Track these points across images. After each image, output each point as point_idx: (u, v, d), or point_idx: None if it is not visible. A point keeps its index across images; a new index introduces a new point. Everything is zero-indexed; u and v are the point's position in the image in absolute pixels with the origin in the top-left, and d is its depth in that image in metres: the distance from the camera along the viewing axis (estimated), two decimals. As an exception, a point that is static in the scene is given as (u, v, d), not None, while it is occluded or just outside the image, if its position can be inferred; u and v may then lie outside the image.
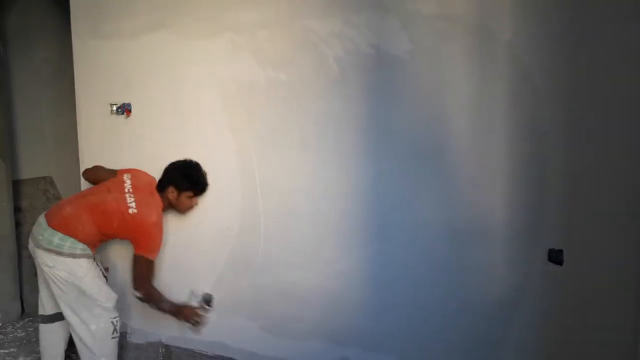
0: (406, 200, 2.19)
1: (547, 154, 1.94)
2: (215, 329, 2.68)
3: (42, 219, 2.51)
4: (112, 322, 2.51)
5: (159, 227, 2.50)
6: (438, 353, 2.20)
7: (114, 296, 2.56)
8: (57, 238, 2.41)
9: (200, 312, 2.55)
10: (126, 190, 2.50)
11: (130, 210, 2.44)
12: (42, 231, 2.44)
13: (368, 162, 2.25)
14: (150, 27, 2.71)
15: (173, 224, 2.73)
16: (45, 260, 2.42)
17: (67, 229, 2.42)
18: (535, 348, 2.02)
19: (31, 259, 3.89)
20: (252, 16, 2.44)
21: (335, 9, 2.25)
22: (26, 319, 3.75)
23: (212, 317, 2.64)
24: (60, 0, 3.33)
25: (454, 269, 2.13)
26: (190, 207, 2.61)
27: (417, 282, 2.21)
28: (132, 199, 2.47)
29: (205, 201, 2.65)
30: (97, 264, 2.57)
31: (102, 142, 2.92)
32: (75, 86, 3.00)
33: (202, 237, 2.68)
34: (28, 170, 4.11)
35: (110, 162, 2.86)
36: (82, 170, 2.94)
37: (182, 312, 2.55)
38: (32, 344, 3.34)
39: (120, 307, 2.67)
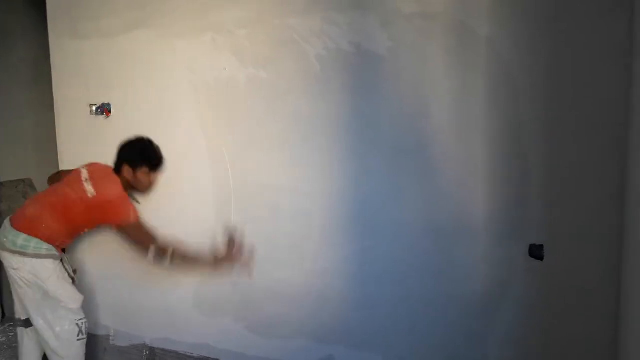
0: (390, 197, 2.20)
1: (528, 150, 1.96)
2: (200, 330, 2.66)
3: (7, 222, 2.48)
4: (77, 324, 2.47)
5: (123, 198, 2.45)
6: (424, 349, 2.21)
7: (79, 297, 2.51)
8: (21, 239, 2.37)
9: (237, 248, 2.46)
10: (83, 179, 2.46)
11: (89, 195, 2.40)
12: (6, 233, 2.41)
13: (351, 159, 2.25)
14: (130, 26, 2.68)
15: (153, 222, 2.70)
16: (11, 263, 2.38)
17: (30, 230, 2.39)
18: (520, 342, 2.04)
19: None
20: (232, 15, 2.42)
21: (316, 7, 2.24)
22: (6, 324, 3.70)
23: (197, 317, 2.63)
24: (38, 1, 3.28)
25: (438, 265, 2.14)
26: (149, 185, 2.54)
27: (402, 278, 2.22)
28: (90, 185, 2.43)
29: (186, 199, 2.64)
30: (64, 265, 2.53)
31: (82, 143, 2.88)
32: (53, 87, 2.97)
33: (184, 236, 2.65)
34: (7, 173, 4.04)
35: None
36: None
37: (224, 258, 2.44)
38: (12, 349, 3.29)
39: (89, 309, 2.67)
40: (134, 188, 2.53)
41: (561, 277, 1.95)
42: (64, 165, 2.93)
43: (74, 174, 2.53)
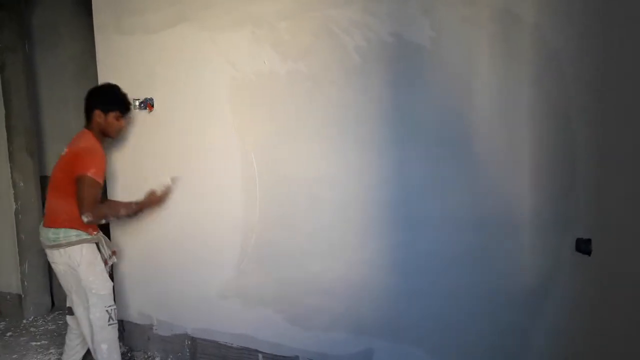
0: (431, 190, 2.17)
1: (575, 141, 1.89)
2: (240, 321, 2.69)
3: (41, 223, 2.63)
4: (107, 311, 2.54)
5: (90, 150, 2.51)
6: (466, 342, 2.18)
7: (109, 284, 2.58)
8: (51, 233, 2.49)
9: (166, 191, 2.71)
10: (64, 153, 2.58)
11: (62, 154, 2.55)
12: (41, 232, 2.57)
13: (391, 151, 2.23)
14: (172, 20, 2.72)
15: (190, 216, 2.75)
16: (52, 257, 2.54)
17: (54, 222, 2.50)
18: (565, 337, 1.99)
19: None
20: (272, 7, 2.43)
21: (355, -3, 2.22)
22: (56, 312, 3.83)
23: (237, 308, 2.67)
24: (84, -2, 3.37)
25: (481, 258, 2.10)
26: (120, 129, 2.68)
27: (444, 271, 2.18)
28: (65, 150, 2.57)
29: (224, 191, 2.67)
30: (100, 248, 2.59)
31: (125, 138, 2.95)
32: (99, 82, 3.03)
33: (224, 229, 2.69)
34: (52, 168, 4.17)
35: (132, 156, 2.92)
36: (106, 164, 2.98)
37: (149, 204, 2.68)
38: (62, 337, 3.40)
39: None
40: (105, 134, 2.64)
41: (609, 272, 1.88)
42: (108, 159, 3.00)
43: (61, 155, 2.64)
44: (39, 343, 3.35)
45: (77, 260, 2.48)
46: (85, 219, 2.43)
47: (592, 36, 1.82)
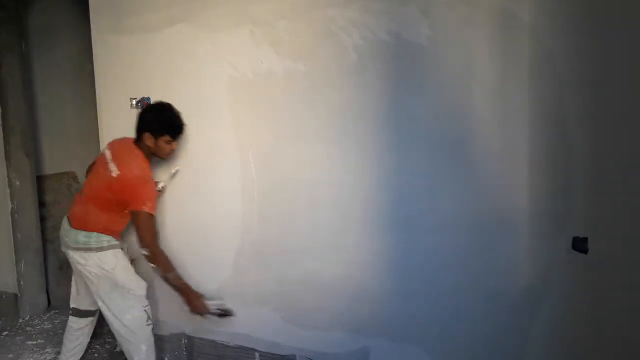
0: (429, 190, 2.18)
1: (571, 140, 1.91)
2: (237, 320, 2.69)
3: (65, 221, 2.60)
4: (145, 310, 2.55)
5: (143, 179, 2.47)
6: (463, 341, 2.19)
7: (144, 284, 2.59)
8: (82, 236, 2.47)
9: (210, 311, 2.56)
10: (108, 160, 2.50)
11: (113, 175, 2.45)
12: (67, 233, 2.53)
13: (389, 151, 2.24)
14: (170, 20, 2.71)
15: (188, 215, 2.75)
16: (77, 259, 2.49)
17: (86, 226, 2.48)
18: (561, 336, 2.00)
19: (56, 252, 3.99)
20: (271, 7, 2.43)
21: (353, -3, 2.23)
22: (52, 311, 3.82)
23: (235, 307, 2.67)
24: (81, -3, 3.37)
25: (478, 257, 2.11)
26: (170, 152, 2.59)
27: (441, 271, 2.19)
28: (114, 165, 2.47)
29: (222, 190, 2.67)
30: (125, 254, 2.61)
31: (123, 136, 2.94)
32: (96, 81, 3.03)
33: (222, 228, 2.69)
34: (51, 166, 4.18)
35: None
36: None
37: (192, 297, 2.53)
38: (58, 336, 3.40)
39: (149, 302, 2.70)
40: (154, 154, 2.57)
41: (606, 271, 1.89)
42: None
43: (101, 157, 2.59)
44: (35, 342, 3.34)
45: (112, 264, 2.48)
46: (144, 253, 2.44)
47: (587, 36, 1.84)
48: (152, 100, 2.83)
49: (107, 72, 2.97)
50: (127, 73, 2.89)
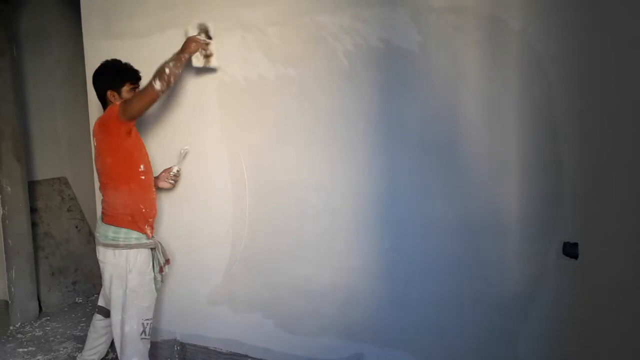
0: (419, 195, 2.18)
1: (561, 146, 1.91)
2: (229, 327, 2.69)
3: (98, 218, 2.56)
4: (143, 324, 2.46)
5: (104, 114, 2.42)
6: (454, 347, 2.19)
7: (153, 296, 2.50)
8: (111, 231, 2.42)
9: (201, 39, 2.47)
10: (96, 142, 2.49)
11: (95, 143, 2.47)
12: (98, 228, 2.49)
13: (379, 156, 2.24)
14: (162, 25, 2.71)
15: (180, 221, 2.74)
16: (104, 256, 2.44)
17: (114, 220, 2.42)
18: (551, 341, 2.00)
19: (48, 259, 3.98)
20: (262, 13, 2.43)
21: (344, 3, 2.23)
22: (43, 318, 3.80)
23: (227, 314, 2.66)
24: (73, 1, 3.36)
25: (468, 262, 2.11)
26: None
27: (432, 276, 2.19)
28: (95, 140, 2.48)
29: (213, 195, 2.67)
30: (156, 254, 2.52)
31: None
32: (87, 87, 3.02)
33: (213, 233, 2.69)
34: (43, 171, 4.16)
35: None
36: (95, 170, 2.97)
37: (186, 50, 2.39)
38: (49, 343, 3.38)
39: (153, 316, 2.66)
40: None
41: (596, 275, 1.90)
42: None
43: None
44: (25, 349, 3.31)
45: (130, 265, 2.41)
46: (157, 85, 2.27)
47: (575, 41, 1.85)
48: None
49: (98, 78, 2.96)
50: (118, 78, 2.87)
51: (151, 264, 2.49)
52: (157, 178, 2.66)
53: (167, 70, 2.30)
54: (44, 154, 4.15)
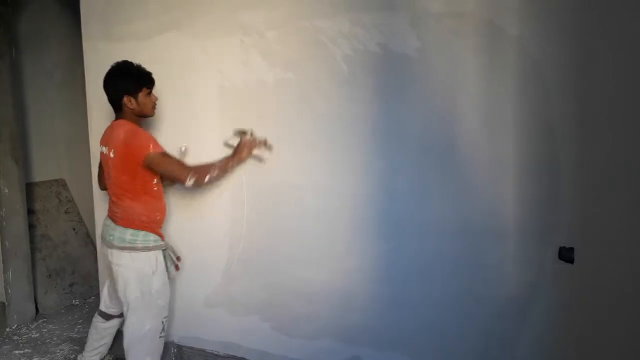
0: (417, 198, 2.19)
1: (558, 150, 1.93)
2: (227, 329, 2.69)
3: (108, 221, 2.51)
4: (162, 322, 2.48)
5: (132, 133, 2.36)
6: (451, 350, 2.20)
7: (169, 293, 2.53)
8: (129, 234, 2.40)
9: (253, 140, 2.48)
10: (104, 152, 2.44)
11: (111, 155, 2.38)
12: (111, 231, 2.44)
13: (378, 160, 2.25)
14: (161, 28, 2.73)
15: (179, 223, 2.75)
16: (119, 259, 2.41)
17: (132, 223, 2.40)
18: (548, 345, 2.01)
19: (45, 260, 3.97)
20: (262, 17, 2.45)
21: (343, 8, 2.25)
22: (40, 320, 3.79)
23: (224, 316, 2.66)
24: (72, 4, 3.37)
25: (466, 266, 2.13)
26: (154, 104, 2.50)
27: (429, 279, 2.20)
28: (107, 148, 2.42)
29: (212, 198, 2.67)
30: (169, 253, 2.53)
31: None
32: (86, 89, 3.04)
33: (211, 235, 2.69)
34: (41, 173, 4.16)
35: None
36: (93, 172, 2.97)
37: (243, 150, 2.46)
38: (46, 345, 3.37)
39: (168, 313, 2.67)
40: (142, 116, 2.49)
41: (592, 280, 1.92)
42: (95, 167, 2.99)
43: (101, 155, 2.52)
44: (22, 351, 3.31)
45: (153, 267, 2.41)
46: (190, 183, 2.32)
47: (572, 46, 1.87)
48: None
49: (97, 80, 2.93)
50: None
51: (165, 263, 2.51)
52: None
53: (207, 178, 2.38)
54: (42, 156, 4.15)
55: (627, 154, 1.82)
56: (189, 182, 2.34)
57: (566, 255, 1.93)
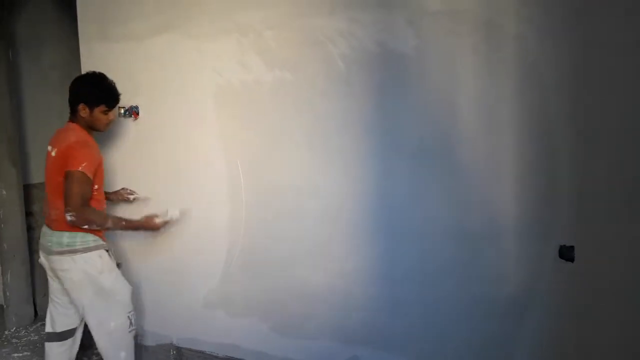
0: (415, 198, 2.18)
1: (556, 149, 1.92)
2: (225, 330, 2.68)
3: (45, 228, 2.47)
4: (128, 317, 2.47)
5: (81, 144, 2.35)
6: (450, 351, 2.18)
7: (129, 288, 2.51)
8: (66, 237, 2.35)
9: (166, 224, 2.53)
10: (49, 150, 2.43)
11: (52, 154, 2.38)
12: (49, 238, 2.40)
13: (375, 160, 2.24)
14: (158, 29, 2.71)
15: (177, 224, 2.73)
16: (62, 265, 2.37)
17: (67, 226, 2.34)
18: (548, 345, 2.00)
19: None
20: (258, 16, 2.43)
21: (340, 6, 2.24)
22: (39, 323, 3.77)
23: (223, 317, 2.65)
24: (68, 5, 3.36)
25: (464, 266, 2.11)
26: (107, 123, 2.49)
27: (428, 279, 2.19)
28: (52, 147, 2.42)
29: (210, 199, 2.66)
30: (110, 255, 2.49)
31: (110, 146, 2.93)
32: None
33: (209, 236, 2.68)
34: (38, 175, 4.13)
35: (117, 165, 2.88)
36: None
37: (146, 227, 2.49)
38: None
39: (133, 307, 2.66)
40: (91, 127, 2.47)
41: (592, 279, 1.90)
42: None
43: (47, 155, 2.49)
44: (21, 354, 3.30)
45: (98, 266, 2.38)
46: (68, 218, 2.25)
47: (571, 45, 1.86)
48: (141, 109, 2.82)
49: (94, 81, 2.95)
50: (115, 81, 2.85)
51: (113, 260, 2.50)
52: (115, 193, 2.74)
53: (88, 225, 2.30)
54: (40, 158, 4.10)
55: (626, 153, 1.81)
56: (67, 216, 2.27)
57: (567, 254, 1.92)
